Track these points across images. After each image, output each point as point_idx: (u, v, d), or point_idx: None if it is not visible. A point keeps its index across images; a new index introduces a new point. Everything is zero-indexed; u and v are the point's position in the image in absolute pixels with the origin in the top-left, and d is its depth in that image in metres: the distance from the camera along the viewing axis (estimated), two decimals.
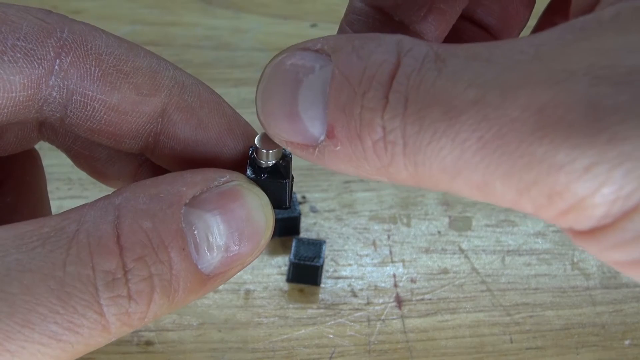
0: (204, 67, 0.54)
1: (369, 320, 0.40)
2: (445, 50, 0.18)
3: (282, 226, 0.43)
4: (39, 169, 0.29)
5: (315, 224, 0.45)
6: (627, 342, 0.40)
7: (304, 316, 0.40)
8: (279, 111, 0.20)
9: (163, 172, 0.25)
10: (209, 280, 0.21)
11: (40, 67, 0.22)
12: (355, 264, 0.43)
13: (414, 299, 0.41)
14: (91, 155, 0.27)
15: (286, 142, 0.20)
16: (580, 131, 0.16)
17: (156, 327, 0.39)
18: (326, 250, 0.43)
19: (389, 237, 0.44)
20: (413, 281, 0.42)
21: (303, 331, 0.40)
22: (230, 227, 0.21)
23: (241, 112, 0.26)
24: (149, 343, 0.38)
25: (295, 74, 0.19)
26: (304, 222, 0.44)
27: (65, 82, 0.22)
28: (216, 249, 0.21)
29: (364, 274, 0.42)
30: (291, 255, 0.41)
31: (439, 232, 0.45)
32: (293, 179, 0.24)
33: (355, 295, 0.41)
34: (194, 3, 0.59)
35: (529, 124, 0.16)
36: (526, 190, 0.17)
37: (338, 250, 0.43)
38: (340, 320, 0.40)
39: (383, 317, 0.40)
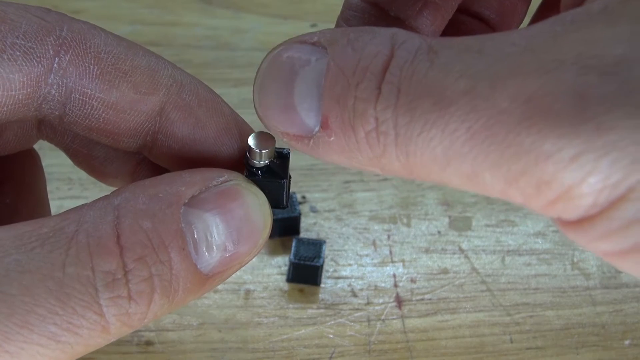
0: (204, 67, 0.54)
1: (369, 320, 0.40)
2: (438, 43, 0.18)
3: (282, 226, 0.43)
4: (38, 170, 0.29)
5: (315, 224, 0.45)
6: (627, 342, 0.40)
7: (304, 316, 0.40)
8: (275, 103, 0.20)
9: (161, 170, 0.26)
10: (207, 280, 0.21)
11: (40, 65, 0.22)
12: (355, 264, 0.43)
13: (414, 299, 0.41)
14: (89, 153, 0.27)
15: (282, 134, 0.20)
16: (567, 120, 0.16)
17: (156, 327, 0.39)
18: (326, 250, 0.43)
19: (389, 237, 0.44)
20: (413, 281, 0.42)
21: (303, 331, 0.39)
22: (229, 226, 0.21)
23: (241, 112, 0.26)
24: (149, 343, 0.38)
25: (292, 66, 0.20)
26: (304, 222, 0.44)
27: (64, 80, 0.22)
28: (215, 249, 0.21)
29: (364, 274, 0.42)
30: (291, 255, 0.41)
31: (439, 232, 0.45)
32: (290, 178, 0.24)
33: (355, 295, 0.41)
34: (194, 3, 0.59)
35: (516, 114, 0.16)
36: (514, 181, 0.17)
37: (338, 250, 0.43)
38: (340, 320, 0.40)
39: (383, 317, 0.40)
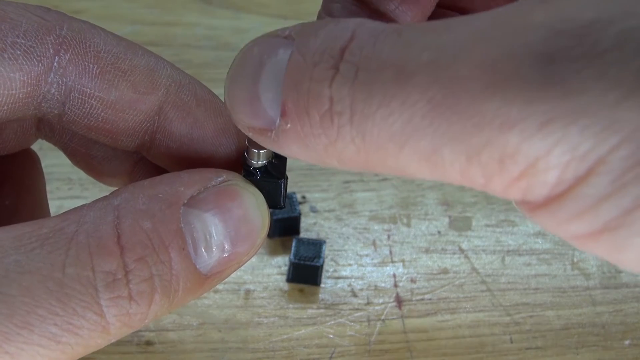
0: (204, 67, 0.54)
1: (369, 320, 0.40)
2: (403, 26, 0.17)
3: (282, 226, 0.43)
4: (38, 172, 0.29)
5: (315, 224, 0.45)
6: (627, 342, 0.40)
7: (304, 316, 0.40)
8: (241, 95, 0.19)
9: (159, 170, 0.26)
10: (206, 280, 0.21)
11: (40, 64, 0.22)
12: (355, 264, 0.43)
13: (414, 299, 0.41)
14: (88, 152, 0.27)
15: (248, 128, 0.20)
16: (535, 85, 0.15)
17: (156, 327, 0.39)
18: (326, 250, 0.43)
19: (389, 237, 0.44)
20: (413, 281, 0.42)
21: (303, 331, 0.39)
22: (227, 226, 0.21)
23: None
24: (149, 343, 0.38)
25: (260, 58, 0.19)
26: (304, 222, 0.44)
27: (64, 79, 0.23)
28: (214, 249, 0.21)
29: (364, 274, 0.42)
30: (291, 255, 0.41)
31: (439, 232, 0.45)
32: (287, 179, 0.24)
33: (355, 295, 0.41)
34: (194, 3, 0.59)
35: (480, 80, 0.15)
36: (476, 155, 0.16)
37: (338, 250, 0.43)
38: (340, 320, 0.40)
39: (383, 317, 0.40)
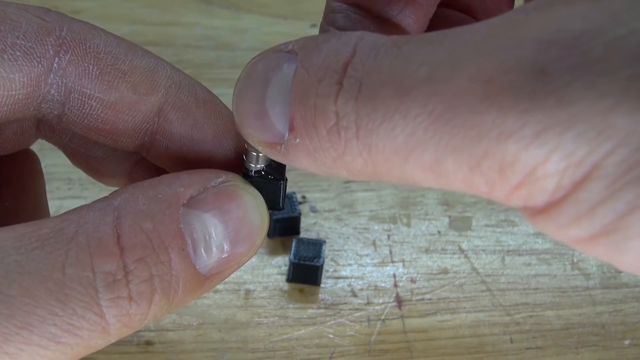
0: (204, 67, 0.54)
1: (369, 320, 0.40)
2: (402, 39, 0.18)
3: (282, 226, 0.43)
4: (38, 173, 0.29)
5: (315, 224, 0.45)
6: (627, 342, 0.40)
7: (304, 316, 0.40)
8: (249, 111, 0.20)
9: (159, 171, 0.26)
10: (206, 280, 0.21)
11: (40, 65, 0.22)
12: (355, 264, 0.43)
13: (414, 299, 0.41)
14: (87, 153, 0.27)
15: (257, 142, 0.20)
16: (529, 95, 0.15)
17: (156, 327, 0.39)
18: (326, 250, 0.43)
19: (389, 237, 0.44)
20: (413, 281, 0.42)
21: (303, 331, 0.40)
22: (227, 227, 0.21)
23: None
24: (149, 343, 0.38)
25: (265, 73, 0.20)
26: (304, 222, 0.44)
27: (64, 80, 0.23)
28: (213, 250, 0.21)
29: (364, 274, 0.42)
30: (291, 255, 0.41)
31: (439, 232, 0.45)
32: (287, 180, 0.24)
33: (355, 295, 0.41)
34: (194, 3, 0.59)
35: (477, 93, 0.16)
36: (477, 165, 0.16)
37: (338, 250, 0.43)
38: (340, 320, 0.40)
39: (383, 317, 0.40)
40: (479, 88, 0.16)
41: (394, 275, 0.42)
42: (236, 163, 0.24)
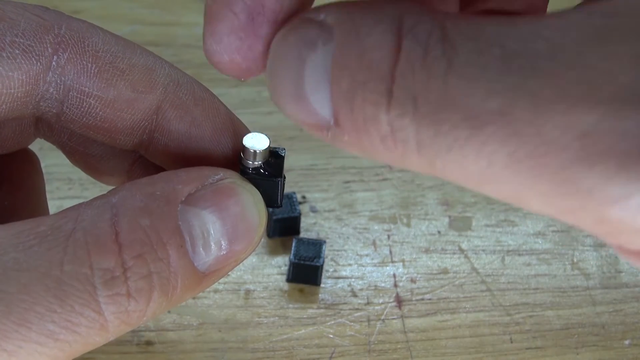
0: (204, 67, 0.53)
1: (369, 320, 0.40)
2: (453, 27, 0.16)
3: (282, 226, 0.43)
4: (37, 173, 0.29)
5: (315, 224, 0.45)
6: (627, 342, 0.40)
7: (304, 316, 0.40)
8: (287, 92, 0.18)
9: (157, 168, 0.26)
10: (204, 277, 0.21)
11: (38, 64, 0.22)
12: (355, 264, 0.43)
13: (414, 299, 0.41)
14: (86, 151, 0.27)
15: (300, 122, 0.19)
16: (636, 162, 0.14)
17: (156, 327, 0.39)
18: (326, 250, 0.43)
19: (389, 237, 0.44)
20: (413, 281, 0.42)
21: (303, 331, 0.39)
22: (225, 224, 0.21)
23: (241, 113, 0.26)
24: (149, 343, 0.38)
25: (299, 51, 0.18)
26: (304, 222, 0.44)
27: (63, 79, 0.23)
28: (212, 246, 0.21)
29: (364, 274, 0.42)
30: (291, 255, 0.41)
31: (439, 232, 0.45)
32: (285, 178, 0.24)
33: (355, 295, 0.41)
34: (194, 3, 0.59)
35: (571, 149, 0.14)
36: (570, 212, 0.15)
37: (338, 250, 0.43)
38: (340, 320, 0.40)
39: (383, 317, 0.40)
40: (573, 143, 0.14)
41: (394, 275, 0.42)
42: (234, 160, 0.25)
